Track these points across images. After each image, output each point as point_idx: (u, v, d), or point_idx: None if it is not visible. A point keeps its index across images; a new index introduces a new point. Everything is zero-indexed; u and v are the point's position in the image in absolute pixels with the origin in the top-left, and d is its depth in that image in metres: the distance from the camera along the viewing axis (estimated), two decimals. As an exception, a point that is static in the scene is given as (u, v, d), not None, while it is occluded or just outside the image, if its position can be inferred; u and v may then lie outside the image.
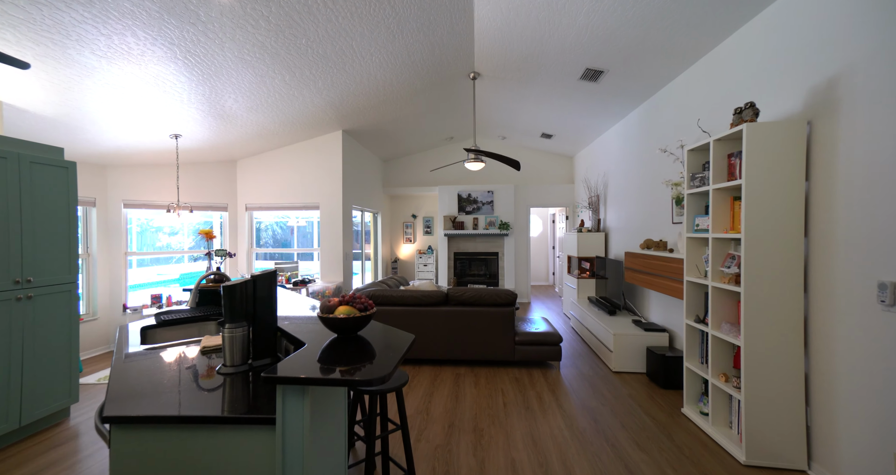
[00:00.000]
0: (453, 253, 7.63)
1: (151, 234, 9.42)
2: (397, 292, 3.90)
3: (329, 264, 5.38)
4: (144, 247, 6.49)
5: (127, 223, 4.59)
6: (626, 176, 4.83)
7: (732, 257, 2.36)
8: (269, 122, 4.39)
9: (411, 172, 7.92)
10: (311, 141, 5.38)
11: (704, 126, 2.98)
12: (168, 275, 9.63)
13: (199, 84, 3.17)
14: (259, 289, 1.60)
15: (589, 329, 4.56)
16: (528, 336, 3.79)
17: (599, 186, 5.80)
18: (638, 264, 3.80)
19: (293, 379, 1.09)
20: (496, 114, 5.89)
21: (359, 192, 6.23)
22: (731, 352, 2.44)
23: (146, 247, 6.83)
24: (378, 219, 7.60)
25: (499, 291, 3.81)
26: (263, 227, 7.67)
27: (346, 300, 1.50)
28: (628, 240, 4.74)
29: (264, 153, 5.42)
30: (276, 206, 5.46)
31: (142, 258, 6.25)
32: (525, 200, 7.53)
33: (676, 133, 3.50)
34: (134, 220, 6.12)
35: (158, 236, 9.60)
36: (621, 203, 5.01)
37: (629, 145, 4.72)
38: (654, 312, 4.02)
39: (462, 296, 3.82)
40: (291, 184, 5.41)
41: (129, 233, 5.79)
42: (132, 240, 6.01)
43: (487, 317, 3.79)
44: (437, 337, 3.84)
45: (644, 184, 4.26)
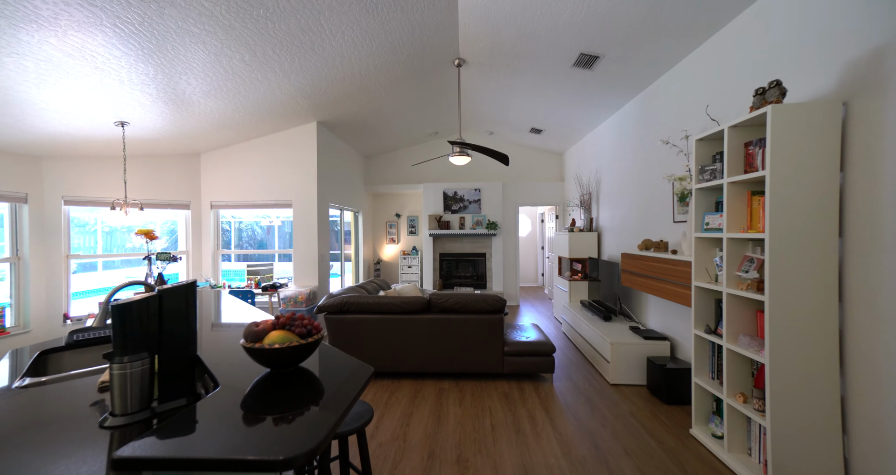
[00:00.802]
0: (439, 254, 7.28)
1: (122, 234, 8.86)
2: (373, 299, 3.52)
3: (303, 267, 4.96)
4: (114, 249, 5.98)
5: (69, 222, 4.08)
6: (620, 172, 4.55)
7: (751, 260, 2.06)
8: (232, 111, 3.95)
9: (394, 169, 7.54)
10: (282, 133, 4.95)
11: (713, 114, 2.69)
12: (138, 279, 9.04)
13: (140, 60, 2.74)
14: (169, 307, 1.21)
15: (582, 335, 4.26)
16: (519, 346, 3.46)
17: (591, 184, 5.53)
18: (636, 267, 3.51)
19: (151, 461, 0.72)
20: (483, 107, 5.56)
21: (337, 189, 5.82)
22: (749, 369, 2.14)
23: (116, 248, 6.32)
24: (359, 218, 7.19)
25: (486, 297, 3.47)
26: (244, 226, 7.20)
27: (281, 323, 1.13)
28: (623, 240, 4.46)
29: (231, 146, 4.97)
30: (244, 203, 5.02)
31: (110, 260, 5.71)
32: (513, 199, 7.22)
33: (679, 123, 3.21)
34: (99, 219, 5.60)
35: (131, 237, 9.03)
36: (615, 201, 4.73)
37: (624, 139, 4.44)
38: (652, 318, 3.74)
39: (445, 302, 3.47)
40: (262, 180, 4.97)
41: (96, 234, 5.26)
42: (98, 242, 5.48)
43: (474, 325, 3.45)
44: (419, 348, 3.48)
45: (641, 180, 3.98)
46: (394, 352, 3.49)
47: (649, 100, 3.80)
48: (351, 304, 3.48)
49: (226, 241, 7.51)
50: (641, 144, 3.97)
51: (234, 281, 5.30)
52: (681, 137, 2.97)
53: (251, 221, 6.98)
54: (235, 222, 9.15)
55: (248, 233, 9.09)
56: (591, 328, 3.94)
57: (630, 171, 4.27)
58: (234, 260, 6.33)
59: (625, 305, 4.27)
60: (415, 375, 3.61)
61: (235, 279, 6.14)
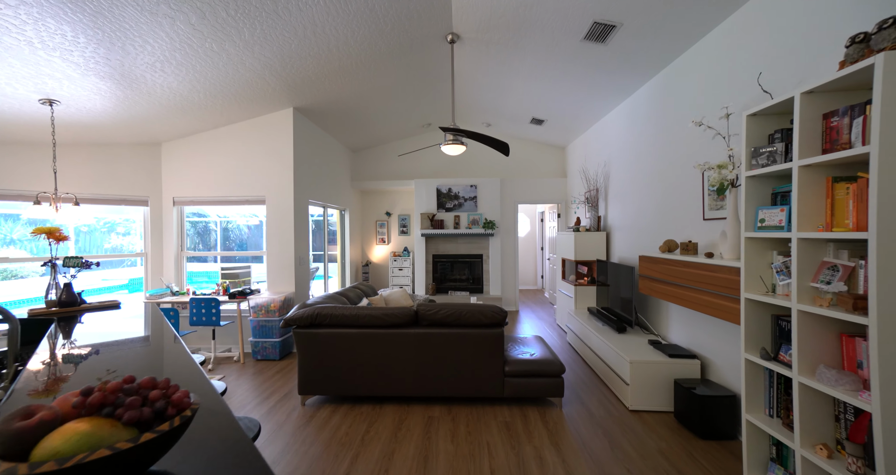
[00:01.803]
0: (432, 255, 6.76)
1: (101, 234, 8.25)
2: (350, 310, 2.99)
3: (278, 271, 4.42)
4: (94, 250, 5.40)
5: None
6: (632, 165, 4.05)
7: (833, 268, 1.56)
8: (188, 90, 3.41)
9: (384, 164, 7.00)
10: (254, 120, 4.41)
11: (766, 84, 2.19)
12: (115, 281, 8.45)
13: (49, 14, 2.19)
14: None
15: (593, 349, 3.76)
16: (522, 365, 2.95)
17: (599, 179, 5.03)
18: (658, 272, 3.01)
19: None
20: (479, 94, 5.05)
21: (319, 184, 5.28)
22: (831, 410, 1.64)
23: (95, 249, 5.78)
24: (345, 217, 6.66)
25: (483, 308, 2.95)
26: (232, 225, 6.63)
27: (91, 403, 0.59)
28: (637, 241, 3.96)
29: (196, 135, 4.42)
30: (211, 199, 4.46)
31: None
32: (512, 196, 6.72)
33: (713, 101, 2.72)
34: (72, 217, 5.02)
35: (110, 237, 8.44)
36: (627, 197, 4.23)
37: (637, 128, 3.94)
38: (675, 331, 3.25)
39: (436, 314, 2.95)
40: (231, 173, 4.43)
41: (74, 233, 4.69)
42: (75, 241, 4.91)
43: (469, 341, 2.93)
44: (405, 368, 2.96)
45: (660, 172, 3.48)
46: (375, 372, 2.97)
47: (673, 78, 3.30)
48: (324, 317, 2.95)
49: (211, 242, 6.96)
50: (661, 132, 3.47)
51: (209, 285, 4.76)
52: (719, 116, 2.47)
53: (237, 223, 6.45)
54: (223, 222, 8.55)
55: (236, 232, 8.51)
56: (602, 341, 3.43)
57: (645, 164, 3.77)
58: (221, 261, 5.80)
59: (641, 315, 3.77)
60: (400, 400, 3.08)
61: (214, 283, 5.61)
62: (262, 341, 4.05)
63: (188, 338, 4.36)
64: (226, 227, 10.05)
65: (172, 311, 3.73)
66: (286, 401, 3.12)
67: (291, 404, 3.06)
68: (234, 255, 5.52)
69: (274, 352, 4.07)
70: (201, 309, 3.78)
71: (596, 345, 3.67)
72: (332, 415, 2.88)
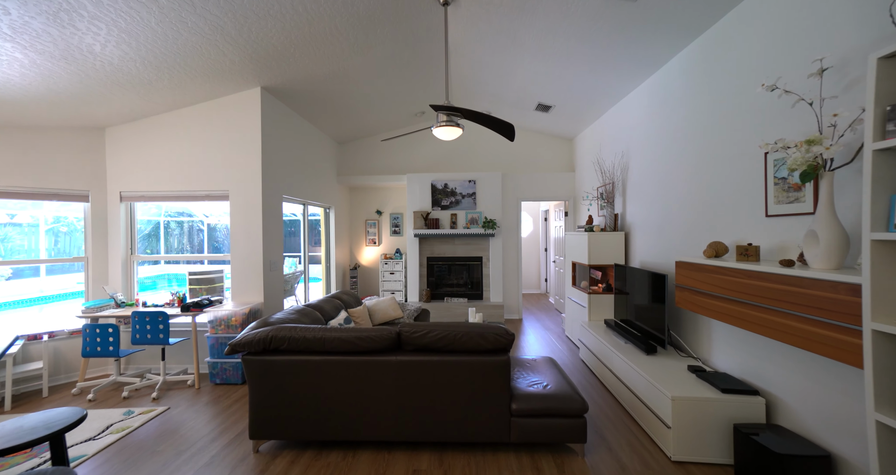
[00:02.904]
0: (426, 258, 6.13)
1: (81, 233, 7.62)
2: (315, 332, 2.35)
3: (243, 278, 3.79)
4: (31, 254, 4.75)
5: None
6: (660, 153, 3.42)
7: None
8: (119, 58, 2.77)
9: (374, 158, 6.38)
10: (216, 102, 3.77)
11: (887, 21, 1.56)
12: (65, 288, 7.78)
13: None
14: None
15: (615, 372, 3.13)
16: (533, 401, 2.32)
17: (615, 171, 4.40)
18: (703, 282, 2.38)
19: None
20: (478, 74, 4.42)
21: (297, 178, 4.65)
22: None
23: (30, 253, 5.18)
24: (331, 215, 6.02)
25: (483, 331, 2.32)
26: (221, 227, 6.01)
27: None
28: (667, 242, 3.34)
29: (147, 119, 3.78)
30: (165, 194, 3.83)
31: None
32: (515, 192, 6.09)
33: (789, 59, 2.08)
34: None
35: (55, 238, 7.75)
36: (652, 191, 3.60)
37: (667, 108, 3.31)
38: (719, 353, 2.62)
39: (423, 337, 2.32)
40: (189, 164, 3.79)
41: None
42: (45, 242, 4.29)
43: (466, 371, 2.30)
44: (385, 405, 2.33)
45: (700, 159, 2.85)
46: (347, 410, 2.34)
47: (721, 40, 2.67)
48: (281, 340, 2.32)
49: (196, 243, 6.32)
50: (700, 111, 2.84)
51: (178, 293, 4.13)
52: (809, 74, 1.83)
53: (221, 224, 5.85)
54: (206, 224, 7.89)
55: (220, 233, 7.85)
56: (628, 364, 2.81)
57: (677, 151, 3.15)
58: (208, 262, 5.19)
59: (673, 332, 3.14)
60: (378, 445, 2.45)
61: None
62: (221, 362, 3.42)
63: (137, 357, 3.73)
64: (214, 226, 9.38)
65: (111, 328, 3.10)
66: (237, 444, 2.49)
67: (243, 450, 2.43)
68: (191, 259, 4.90)
69: (235, 375, 3.43)
70: (145, 324, 3.14)
71: (619, 367, 3.04)
72: (292, 466, 2.25)
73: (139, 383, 3.23)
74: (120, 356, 3.12)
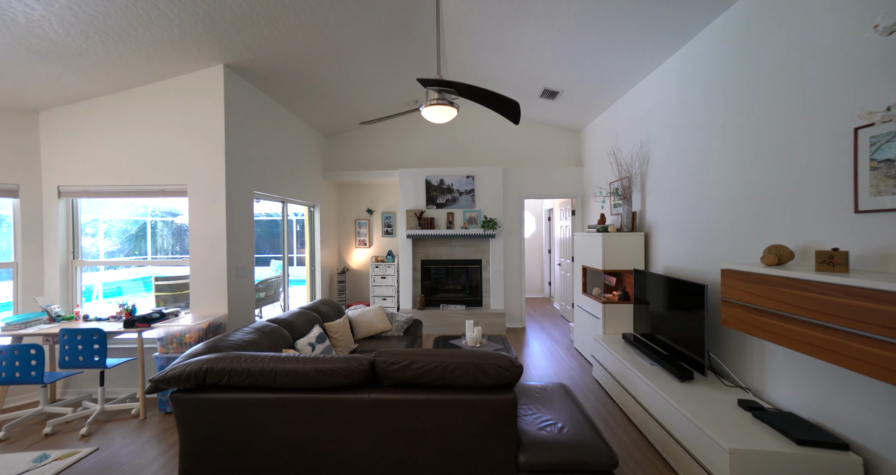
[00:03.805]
0: (420, 261, 5.60)
1: None
2: (263, 363, 1.82)
3: (204, 286, 3.26)
4: None
5: None
6: (690, 139, 2.90)
7: None
8: (45, 24, 2.24)
9: (364, 151, 5.85)
10: (170, 82, 3.25)
11: None
12: None
13: None
14: None
15: (641, 401, 2.61)
16: (547, 451, 1.79)
17: (633, 163, 3.88)
18: (764, 297, 1.85)
19: None
20: (476, 55, 3.89)
21: (272, 172, 4.12)
22: None
23: None
24: (315, 214, 5.49)
25: (483, 361, 1.79)
26: None
27: None
28: (701, 245, 2.81)
29: (89, 101, 3.25)
30: (112, 189, 3.30)
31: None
32: (517, 189, 5.56)
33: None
34: None
35: None
36: (678, 184, 3.08)
37: (701, 85, 2.79)
38: (775, 381, 2.09)
39: (404, 370, 1.79)
40: (139, 154, 3.27)
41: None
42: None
43: (459, 413, 1.77)
44: (355, 458, 1.80)
45: (747, 143, 2.33)
46: (305, 464, 1.81)
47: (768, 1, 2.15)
48: (219, 373, 1.79)
49: (184, 244, 5.80)
50: (749, 80, 2.31)
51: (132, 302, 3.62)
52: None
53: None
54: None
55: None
56: (658, 393, 2.29)
57: (714, 134, 2.62)
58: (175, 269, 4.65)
59: (714, 355, 2.61)
60: (348, 506, 1.92)
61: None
62: (172, 387, 2.88)
63: (78, 380, 3.20)
64: None
65: (34, 349, 2.57)
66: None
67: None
68: (144, 263, 4.37)
69: (189, 403, 2.89)
70: (76, 344, 2.61)
71: (646, 395, 2.51)
72: (233, 538, 1.71)
73: (71, 414, 2.70)
74: (45, 382, 2.59)
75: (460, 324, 5.18)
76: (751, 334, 1.92)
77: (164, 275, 4.79)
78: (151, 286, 4.81)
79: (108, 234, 8.17)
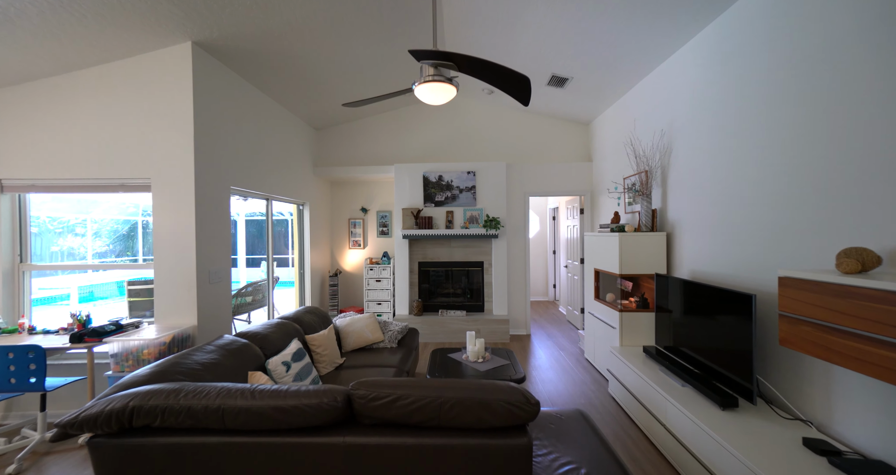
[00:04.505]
0: (417, 263, 5.21)
1: (55, 234, 6.79)
2: (207, 399, 1.42)
3: (170, 293, 2.88)
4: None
5: None
6: (725, 124, 2.51)
7: None
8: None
9: (357, 146, 5.47)
10: (128, 61, 2.86)
11: None
12: (53, 289, 6.90)
13: None
14: None
15: (672, 429, 2.21)
16: (570, 514, 1.40)
17: (653, 154, 3.49)
18: (844, 314, 1.46)
19: None
20: (479, 36, 3.51)
21: (254, 167, 3.74)
22: None
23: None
24: (305, 213, 5.11)
25: (489, 396, 1.40)
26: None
27: None
28: (740, 247, 2.42)
29: (35, 81, 2.87)
30: (65, 184, 2.92)
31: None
32: (522, 185, 5.17)
33: None
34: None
35: (58, 240, 6.90)
36: (708, 177, 2.70)
37: (740, 60, 2.40)
38: (846, 414, 1.70)
39: (388, 407, 1.40)
40: (95, 143, 2.88)
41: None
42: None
43: (457, 461, 1.38)
44: (324, 518, 1.41)
45: (805, 125, 1.94)
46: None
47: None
48: (150, 413, 1.39)
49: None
50: (810, 47, 1.93)
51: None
52: None
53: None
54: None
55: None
56: (695, 424, 1.90)
57: (757, 118, 2.24)
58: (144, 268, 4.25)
59: (760, 376, 2.21)
60: None
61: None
62: (128, 410, 2.49)
63: (18, 401, 2.81)
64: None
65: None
66: None
67: None
68: (110, 266, 4.00)
69: (147, 429, 2.50)
70: (7, 364, 2.22)
71: (678, 423, 2.12)
72: None
73: (3, 446, 2.31)
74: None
75: (460, 332, 4.79)
76: (826, 360, 1.52)
77: (139, 278, 4.40)
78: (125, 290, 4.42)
79: (98, 234, 7.79)
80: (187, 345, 2.81)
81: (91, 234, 7.40)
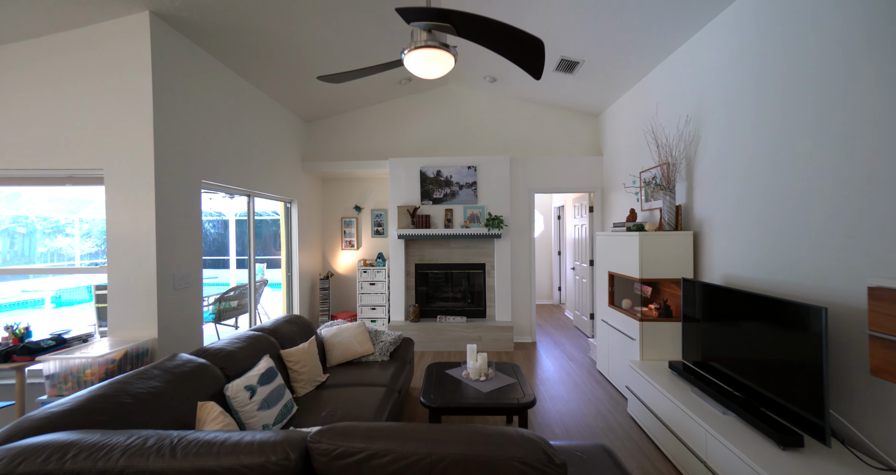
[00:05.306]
0: (414, 265, 4.83)
1: (43, 234, 6.46)
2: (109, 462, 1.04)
3: (127, 300, 2.50)
4: None
5: None
6: (766, 108, 2.13)
7: None
8: None
9: (351, 139, 5.09)
10: (74, 33, 2.49)
11: None
12: (37, 292, 6.51)
13: None
14: None
15: (716, 469, 1.83)
16: None
17: (677, 144, 3.11)
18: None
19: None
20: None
21: (231, 159, 3.37)
22: None
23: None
24: (293, 211, 4.73)
25: (498, 455, 1.02)
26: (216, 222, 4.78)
27: None
28: (787, 250, 2.04)
29: (-27, 59, 2.49)
30: (10, 174, 2.55)
31: None
32: (526, 181, 4.79)
33: None
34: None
35: (45, 241, 6.58)
36: (744, 169, 2.31)
37: (786, 32, 2.01)
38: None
39: (361, 468, 1.01)
40: (37, 129, 2.51)
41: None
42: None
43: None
44: None
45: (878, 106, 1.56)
46: None
47: None
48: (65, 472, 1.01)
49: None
50: (892, 3, 1.55)
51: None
52: None
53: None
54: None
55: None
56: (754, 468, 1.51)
57: (809, 98, 1.85)
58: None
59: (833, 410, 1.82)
60: None
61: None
62: (68, 441, 2.11)
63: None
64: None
65: None
66: None
67: None
68: (56, 271, 3.66)
69: (91, 463, 2.13)
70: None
71: (724, 462, 1.73)
72: None
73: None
74: None
75: (460, 340, 4.41)
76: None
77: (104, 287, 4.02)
78: (92, 296, 4.04)
79: (88, 234, 7.40)
80: (144, 362, 2.43)
81: (80, 234, 7.03)
